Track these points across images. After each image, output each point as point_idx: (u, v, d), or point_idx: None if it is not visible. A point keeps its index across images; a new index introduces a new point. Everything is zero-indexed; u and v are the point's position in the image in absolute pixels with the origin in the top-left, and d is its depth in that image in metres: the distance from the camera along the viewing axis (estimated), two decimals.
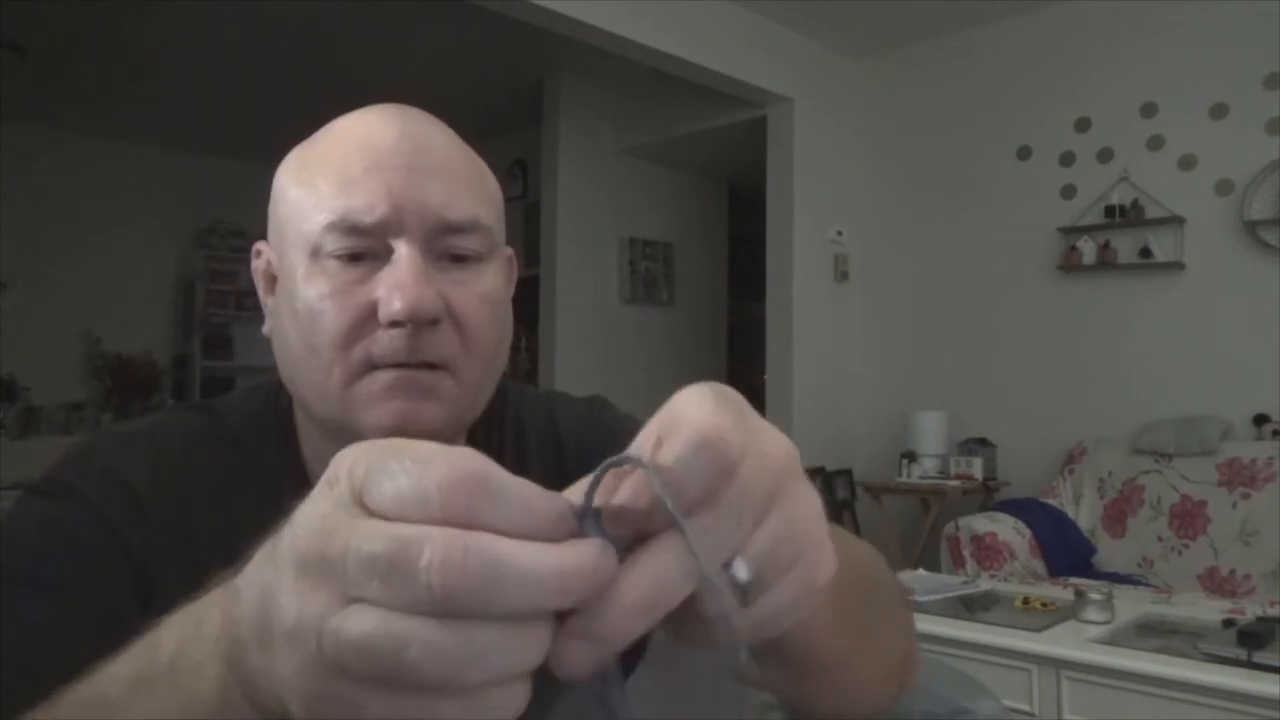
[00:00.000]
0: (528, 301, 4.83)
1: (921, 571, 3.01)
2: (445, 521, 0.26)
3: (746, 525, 0.30)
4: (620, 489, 0.30)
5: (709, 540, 0.29)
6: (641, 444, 0.30)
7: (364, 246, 0.56)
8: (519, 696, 0.27)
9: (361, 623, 0.26)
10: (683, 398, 0.31)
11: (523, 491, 0.27)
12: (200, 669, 0.32)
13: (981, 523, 3.35)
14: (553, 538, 0.27)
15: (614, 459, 0.30)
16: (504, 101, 5.37)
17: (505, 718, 0.27)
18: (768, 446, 0.32)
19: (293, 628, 0.27)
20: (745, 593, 0.30)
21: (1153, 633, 2.28)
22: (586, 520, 0.28)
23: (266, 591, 0.28)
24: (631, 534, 0.29)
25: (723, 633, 0.30)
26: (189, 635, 0.33)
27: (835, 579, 0.34)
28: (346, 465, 0.28)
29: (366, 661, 0.26)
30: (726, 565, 0.30)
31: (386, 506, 0.26)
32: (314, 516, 0.28)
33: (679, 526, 0.28)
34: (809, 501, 0.33)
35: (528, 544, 0.26)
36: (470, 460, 0.27)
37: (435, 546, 0.25)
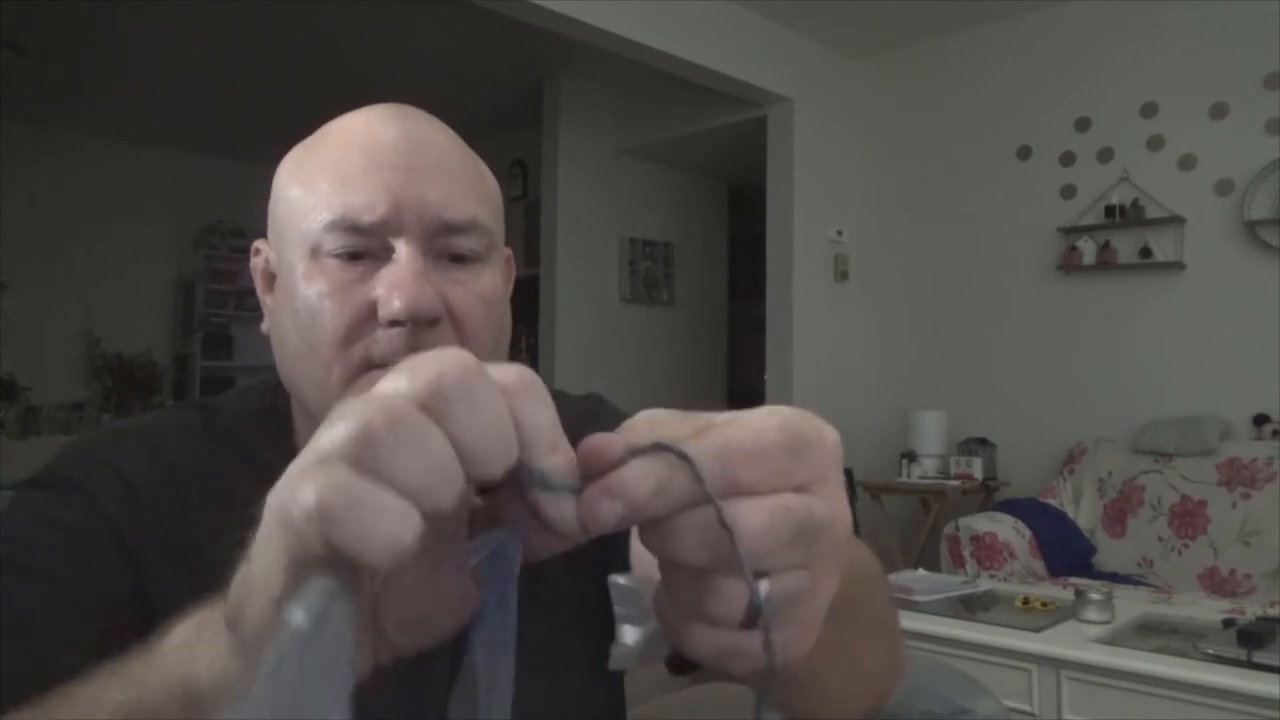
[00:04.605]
0: (528, 301, 4.83)
1: (921, 571, 3.01)
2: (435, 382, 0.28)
3: (785, 548, 0.29)
4: (597, 436, 0.30)
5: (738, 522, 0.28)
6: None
7: (363, 246, 0.56)
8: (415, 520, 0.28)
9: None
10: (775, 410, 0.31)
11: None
12: (211, 662, 0.34)
13: (981, 523, 3.34)
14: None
15: (662, 443, 0.29)
16: (504, 101, 5.36)
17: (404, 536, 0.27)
18: (839, 507, 0.31)
19: (315, 507, 0.27)
20: (756, 612, 0.29)
21: (1153, 633, 2.28)
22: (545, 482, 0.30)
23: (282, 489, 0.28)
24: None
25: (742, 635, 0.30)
26: (186, 656, 0.35)
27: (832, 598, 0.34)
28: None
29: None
30: (757, 577, 0.29)
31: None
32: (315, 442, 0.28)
33: (694, 469, 0.28)
34: (829, 583, 0.32)
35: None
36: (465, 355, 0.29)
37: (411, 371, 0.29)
